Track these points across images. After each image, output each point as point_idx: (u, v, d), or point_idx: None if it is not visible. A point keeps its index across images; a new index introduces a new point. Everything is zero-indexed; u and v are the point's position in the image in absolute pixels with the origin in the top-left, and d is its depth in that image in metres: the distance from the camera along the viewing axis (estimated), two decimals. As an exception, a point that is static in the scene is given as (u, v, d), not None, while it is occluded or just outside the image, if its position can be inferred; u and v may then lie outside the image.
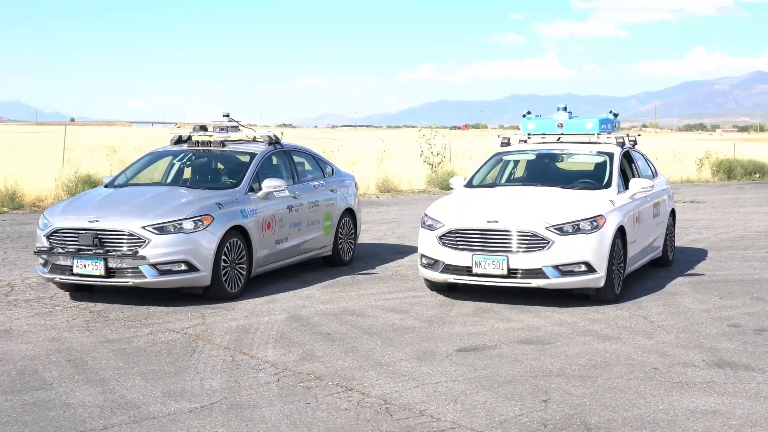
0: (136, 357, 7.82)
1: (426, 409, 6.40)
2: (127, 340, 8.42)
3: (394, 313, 9.66)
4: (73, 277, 9.93)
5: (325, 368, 7.46)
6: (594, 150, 11.79)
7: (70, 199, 11.02)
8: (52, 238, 10.06)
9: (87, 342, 8.35)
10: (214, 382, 7.06)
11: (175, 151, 12.12)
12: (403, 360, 7.73)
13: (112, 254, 9.71)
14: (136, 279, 9.75)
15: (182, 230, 9.88)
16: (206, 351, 8.02)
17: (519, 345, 8.28)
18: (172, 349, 8.11)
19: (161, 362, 7.65)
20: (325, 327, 8.99)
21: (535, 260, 9.72)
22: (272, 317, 9.45)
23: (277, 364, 7.60)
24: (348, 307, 10.01)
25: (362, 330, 8.87)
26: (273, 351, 8.03)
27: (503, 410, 6.39)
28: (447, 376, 7.24)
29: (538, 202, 10.34)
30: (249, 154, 11.71)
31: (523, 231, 9.77)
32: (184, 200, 10.38)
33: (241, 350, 8.06)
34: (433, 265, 10.30)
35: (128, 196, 10.74)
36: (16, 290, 10.91)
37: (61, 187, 22.53)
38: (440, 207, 10.70)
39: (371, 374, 7.29)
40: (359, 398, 6.66)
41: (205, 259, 9.95)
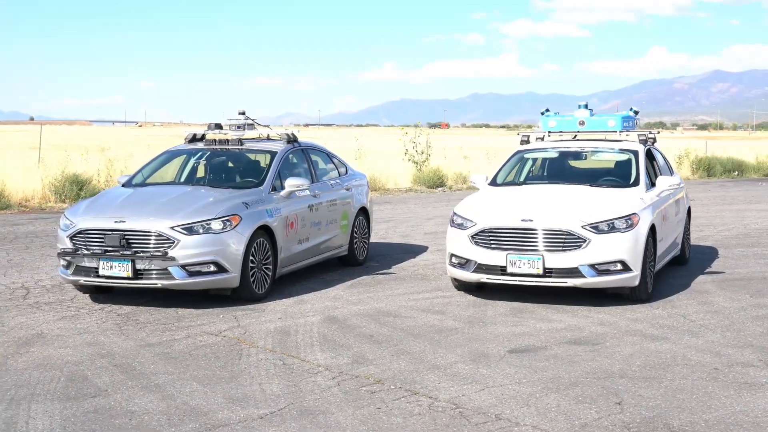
0: (183, 361, 7.59)
1: (501, 413, 6.25)
2: (167, 344, 8.18)
3: (430, 314, 9.50)
4: (99, 279, 9.66)
5: (381, 371, 7.28)
6: (616, 147, 11.72)
7: (91, 199, 10.72)
8: (76, 239, 9.79)
9: (126, 346, 8.10)
10: (273, 387, 6.86)
11: (191, 150, 11.88)
12: (459, 362, 7.57)
13: (140, 255, 9.45)
14: (165, 281, 9.51)
15: (210, 230, 9.65)
16: (253, 355, 7.81)
17: (569, 346, 8.16)
18: (218, 352, 7.88)
19: (212, 367, 7.42)
20: (365, 329, 8.81)
21: (571, 259, 9.61)
22: (307, 319, 9.25)
23: (330, 367, 7.41)
24: (381, 307, 9.83)
25: (404, 331, 8.70)
26: (322, 354, 7.84)
27: (580, 413, 6.26)
28: (509, 378, 7.09)
29: (569, 200, 10.23)
30: (269, 152, 11.50)
31: (559, 230, 9.65)
32: (210, 200, 10.14)
33: (288, 353, 7.85)
34: (464, 265, 10.15)
35: (151, 196, 10.48)
36: (32, 293, 10.61)
37: (48, 187, 22.10)
38: (469, 206, 10.56)
39: (431, 377, 7.12)
40: (429, 402, 6.49)
41: (234, 260, 9.73)
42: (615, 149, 11.69)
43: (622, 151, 11.58)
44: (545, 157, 11.97)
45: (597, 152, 11.79)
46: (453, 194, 27.59)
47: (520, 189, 11.04)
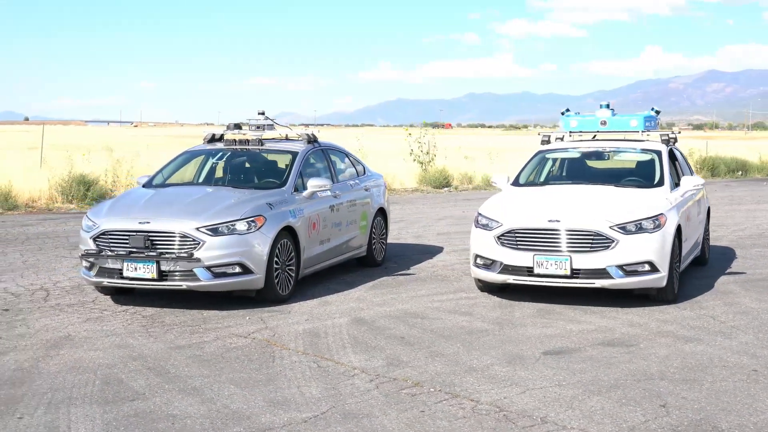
0: (216, 364, 7.51)
1: (546, 416, 6.19)
2: (197, 346, 8.11)
3: (458, 315, 9.43)
4: (123, 280, 9.58)
5: (418, 374, 7.21)
6: (638, 147, 11.67)
7: (113, 200, 10.63)
8: (100, 240, 9.70)
9: (157, 348, 8.02)
10: (312, 389, 6.78)
11: (210, 150, 11.80)
12: (495, 364, 7.51)
13: (166, 257, 9.36)
14: (190, 282, 9.43)
15: (236, 231, 9.57)
16: (286, 357, 7.73)
17: (603, 347, 8.09)
18: (250, 355, 7.81)
19: (246, 369, 7.35)
20: (394, 330, 8.74)
21: (599, 260, 9.54)
22: (335, 320, 9.18)
23: (366, 369, 7.34)
24: (406, 309, 9.76)
25: (434, 333, 8.63)
26: (355, 356, 7.76)
27: (626, 416, 6.19)
28: (548, 381, 7.02)
29: (596, 200, 10.17)
30: (290, 152, 11.42)
31: (587, 230, 9.59)
32: (234, 201, 10.06)
33: (321, 356, 7.78)
34: (489, 266, 10.08)
35: (175, 197, 10.40)
36: (52, 295, 10.52)
37: (55, 188, 22.01)
38: (494, 206, 10.49)
39: (469, 380, 7.06)
40: (471, 405, 6.42)
41: (259, 261, 9.65)
42: (637, 149, 11.64)
43: (645, 151, 11.53)
44: (567, 157, 11.91)
45: (619, 152, 11.74)
46: (459, 194, 27.54)
47: (543, 189, 10.97)
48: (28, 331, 8.66)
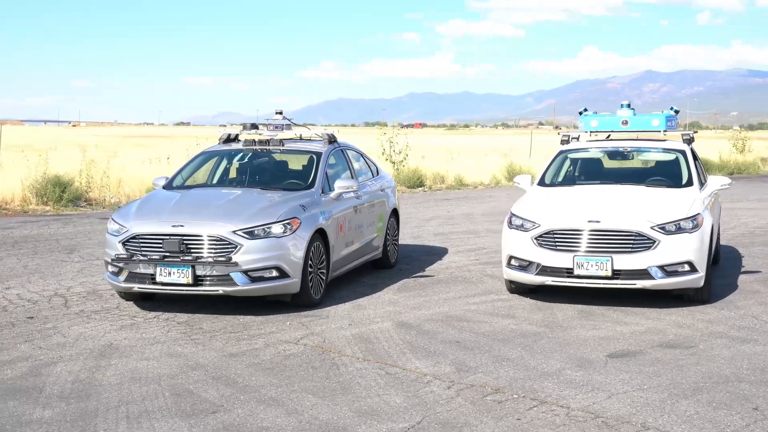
0: (280, 372, 7.26)
1: (645, 422, 6.06)
2: (251, 354, 7.84)
3: (501, 318, 9.29)
4: (156, 286, 9.25)
5: (493, 380, 7.04)
6: (660, 147, 11.64)
7: (138, 203, 10.24)
8: (130, 244, 9.36)
9: (211, 357, 7.74)
10: (394, 398, 6.58)
11: (230, 151, 11.50)
12: (566, 368, 7.37)
13: (202, 261, 9.06)
14: (227, 287, 9.14)
15: (271, 234, 9.30)
16: (349, 364, 7.50)
17: (664, 349, 8.00)
18: (311, 362, 7.56)
19: (315, 377, 7.11)
20: (445, 334, 8.56)
21: (641, 261, 9.46)
22: (379, 325, 8.97)
23: (438, 376, 7.14)
24: (445, 312, 9.59)
25: (488, 337, 8.47)
26: (419, 362, 7.57)
27: (725, 420, 6.09)
28: (628, 385, 6.90)
29: (632, 201, 10.11)
30: (313, 153, 11.17)
31: (629, 230, 9.51)
32: (267, 203, 9.79)
33: (384, 362, 7.57)
34: (526, 268, 9.94)
35: (205, 199, 10.10)
36: (71, 301, 10.14)
37: (29, 189, 21.39)
38: (527, 207, 10.35)
39: (547, 385, 6.91)
40: (564, 412, 6.27)
41: (295, 265, 9.40)
42: (659, 149, 11.61)
43: (668, 150, 11.51)
44: (591, 157, 11.84)
45: (642, 152, 11.69)
46: (435, 194, 27.44)
47: (573, 189, 10.87)
48: (66, 340, 8.31)
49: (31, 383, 6.93)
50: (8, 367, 7.38)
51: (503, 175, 31.95)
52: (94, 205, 21.73)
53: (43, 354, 7.82)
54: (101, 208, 21.45)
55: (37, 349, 7.97)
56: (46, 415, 6.17)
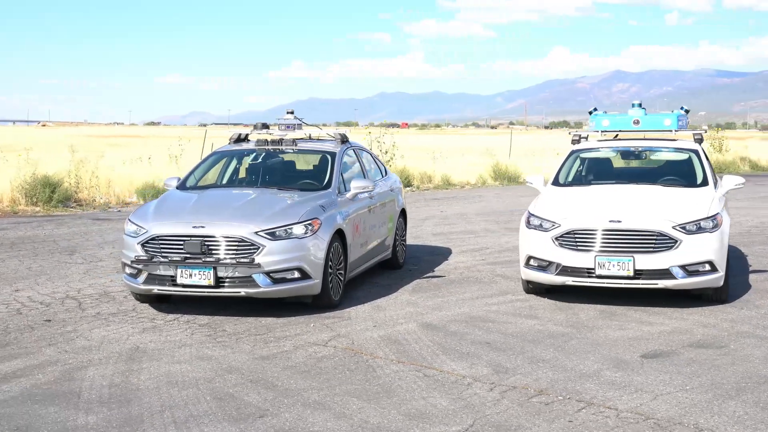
0: (318, 375, 7.17)
1: (698, 423, 6.03)
2: (283, 356, 7.74)
3: (525, 319, 9.25)
4: (176, 288, 9.12)
5: (533, 381, 7.00)
6: (671, 147, 11.66)
7: (154, 204, 10.08)
8: (149, 245, 9.22)
9: (242, 360, 7.63)
10: (440, 400, 6.51)
11: (242, 151, 11.39)
12: (603, 369, 7.33)
13: (224, 263, 8.94)
14: (249, 289, 9.02)
15: (293, 235, 9.20)
16: (385, 366, 7.43)
17: (696, 349, 7.99)
18: (346, 364, 7.48)
19: (354, 380, 7.03)
20: (473, 335, 8.51)
21: (663, 260, 9.45)
22: (404, 326, 8.90)
23: (478, 377, 7.09)
24: (467, 313, 9.53)
25: (517, 337, 8.43)
26: (454, 363, 7.50)
27: (776, 421, 6.08)
28: (671, 386, 6.88)
29: (650, 200, 10.10)
30: (327, 153, 11.08)
31: (651, 230, 9.49)
32: (287, 203, 9.69)
33: (419, 364, 7.50)
34: (546, 268, 9.91)
35: (222, 199, 9.99)
36: (85, 304, 9.99)
37: (18, 189, 21.11)
38: (545, 207, 10.31)
39: (589, 386, 6.87)
40: (614, 413, 6.23)
41: (317, 266, 9.31)
42: (671, 148, 11.63)
43: (681, 150, 11.53)
44: (603, 157, 11.83)
45: (655, 151, 11.70)
46: (424, 194, 27.42)
47: (589, 189, 10.85)
48: (90, 344, 8.17)
49: (67, 388, 6.81)
50: (39, 372, 7.24)
51: (489, 175, 31.96)
52: (84, 206, 21.49)
53: (70, 358, 7.68)
54: (92, 209, 21.23)
55: (63, 353, 7.84)
56: (90, 421, 6.05)
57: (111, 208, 21.66)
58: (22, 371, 7.27)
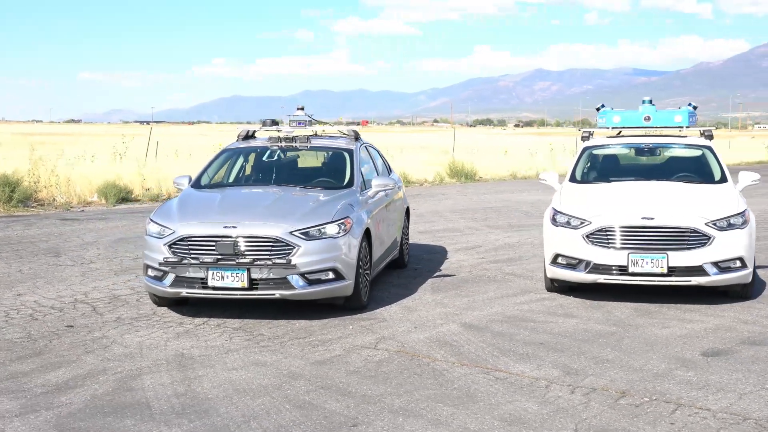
0: (386, 380, 6.91)
1: (798, 422, 5.95)
2: (339, 360, 7.46)
3: (565, 318, 9.12)
4: (207, 290, 8.76)
5: (609, 382, 6.85)
6: (682, 143, 11.66)
7: (175, 203, 9.61)
8: (177, 247, 8.83)
9: (299, 365, 7.33)
10: (528, 404, 6.31)
11: (255, 148, 11.04)
12: (673, 368, 7.22)
13: (259, 264, 8.61)
14: (284, 291, 8.70)
15: (326, 235, 8.91)
16: (452, 369, 7.20)
17: (752, 346, 7.94)
18: (408, 368, 7.23)
19: (427, 384, 6.79)
20: (521, 336, 8.33)
21: (696, 257, 9.41)
22: (446, 327, 8.69)
23: (552, 379, 6.91)
24: (502, 312, 9.36)
25: (567, 337, 8.29)
26: (520, 366, 7.31)
27: None
28: (750, 384, 6.80)
29: (678, 197, 10.06)
30: (344, 150, 10.81)
31: (684, 227, 9.44)
32: (317, 202, 9.40)
33: (484, 366, 7.29)
34: (575, 266, 9.78)
35: (248, 199, 9.66)
36: (99, 308, 9.56)
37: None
38: (570, 204, 10.17)
39: (669, 386, 6.74)
40: (709, 414, 6.11)
41: (350, 266, 9.04)
42: (683, 145, 11.63)
43: (694, 146, 11.54)
44: (617, 153, 11.78)
45: (667, 148, 11.69)
46: (386, 192, 27.16)
47: (611, 186, 10.75)
48: (129, 351, 7.78)
49: (131, 399, 6.44)
50: (91, 382, 6.85)
51: (446, 173, 31.89)
52: (46, 206, 20.77)
53: (117, 366, 7.29)
54: (53, 209, 20.54)
55: (106, 361, 7.44)
56: (176, 434, 5.71)
57: (73, 207, 20.99)
58: (73, 381, 6.86)
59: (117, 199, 21.91)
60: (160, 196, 23.09)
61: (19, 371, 7.14)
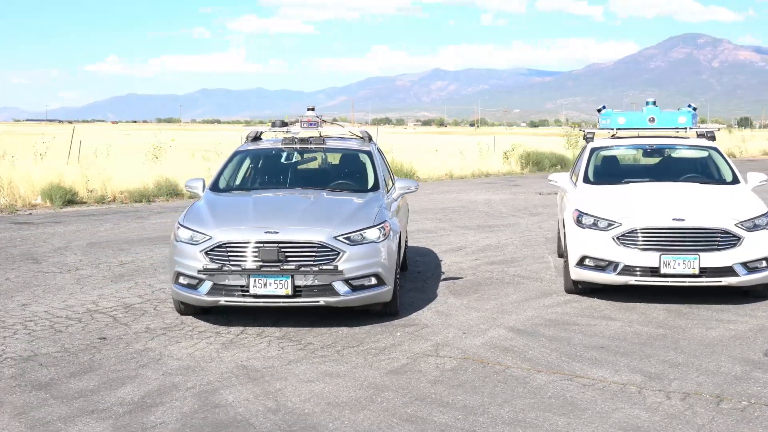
0: (474, 389, 6.72)
1: None
2: (411, 370, 7.24)
3: (606, 320, 9.06)
4: (248, 298, 8.40)
5: (697, 386, 6.80)
6: (688, 144, 11.79)
7: (205, 208, 9.12)
8: (214, 253, 8.46)
9: (374, 375, 7.08)
10: (636, 412, 6.21)
11: (268, 150, 10.71)
12: (751, 370, 7.23)
13: (304, 270, 8.31)
14: (329, 297, 8.42)
15: (367, 240, 8.66)
16: (533, 377, 7.05)
17: (805, 347, 8.04)
18: (487, 376, 7.06)
19: (519, 393, 6.63)
20: (576, 340, 8.24)
21: (727, 258, 9.49)
22: (494, 332, 8.54)
23: (640, 385, 6.82)
24: (542, 316, 9.26)
25: (622, 340, 8.24)
26: (598, 371, 7.21)
27: None
28: (833, 385, 6.85)
29: (703, 198, 10.15)
30: (362, 151, 10.60)
31: (715, 228, 9.51)
32: (355, 206, 9.15)
33: (562, 372, 7.17)
34: (605, 268, 9.75)
35: (282, 203, 9.35)
36: (120, 319, 9.11)
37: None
38: (594, 205, 10.13)
39: (757, 388, 6.74)
40: (818, 417, 6.12)
41: (390, 271, 8.83)
42: (690, 146, 11.77)
43: (700, 147, 11.67)
44: (625, 154, 11.86)
45: (675, 149, 11.80)
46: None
47: (630, 187, 10.77)
48: (185, 364, 7.41)
49: (225, 417, 6.10)
50: (170, 399, 6.47)
51: (385, 172, 31.70)
52: (-11, 209, 19.88)
53: (185, 381, 6.92)
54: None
55: (168, 376, 7.06)
56: (300, 453, 5.42)
57: (18, 210, 20.13)
58: (150, 399, 6.48)
59: (63, 201, 21.11)
60: (105, 197, 22.34)
61: (84, 389, 6.72)
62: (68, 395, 6.56)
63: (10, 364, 7.39)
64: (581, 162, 11.71)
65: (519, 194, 26.05)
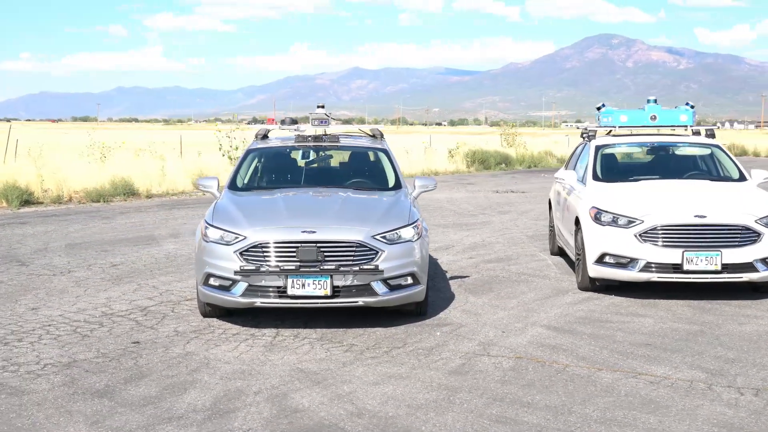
0: (543, 389, 6.64)
1: None
2: (471, 370, 7.14)
3: (636, 317, 9.08)
4: (285, 299, 8.20)
5: (762, 381, 6.85)
6: (690, 141, 11.92)
7: (232, 208, 8.85)
8: (249, 254, 8.23)
9: (438, 377, 6.96)
10: (719, 408, 6.21)
11: (282, 148, 10.48)
12: (804, 365, 7.32)
13: (344, 270, 8.14)
14: (367, 297, 8.27)
15: (403, 239, 8.54)
16: (598, 375, 7.01)
17: (843, 341, 8.16)
18: (550, 376, 6.99)
19: (591, 392, 6.58)
20: (618, 337, 8.24)
21: (747, 254, 9.60)
22: (533, 330, 8.50)
23: (708, 382, 6.83)
24: (572, 314, 9.22)
25: (663, 336, 8.27)
26: (655, 367, 7.20)
27: None
28: None
29: (720, 195, 10.26)
30: (379, 149, 10.47)
31: (737, 224, 9.62)
32: (387, 205, 9.02)
33: (622, 369, 7.15)
34: (626, 265, 9.78)
35: (313, 202, 9.17)
36: (141, 323, 8.82)
37: None
38: (612, 202, 10.15)
39: (820, 384, 6.82)
40: None
41: (424, 270, 8.73)
42: (693, 143, 11.88)
43: (703, 145, 11.80)
44: (630, 152, 11.91)
45: (678, 146, 11.91)
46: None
47: (644, 184, 10.82)
48: (237, 368, 7.18)
49: (310, 422, 5.92)
50: (242, 404, 6.26)
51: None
52: (-54, 210, 19.15)
53: (248, 385, 6.70)
54: (-44, 213, 18.96)
55: (228, 380, 6.84)
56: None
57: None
58: (223, 405, 6.25)
59: (20, 201, 20.46)
60: (61, 198, 21.72)
61: (147, 395, 6.46)
62: (134, 402, 6.29)
63: (53, 370, 7.08)
64: (586, 160, 11.72)
65: (476, 192, 26.12)
